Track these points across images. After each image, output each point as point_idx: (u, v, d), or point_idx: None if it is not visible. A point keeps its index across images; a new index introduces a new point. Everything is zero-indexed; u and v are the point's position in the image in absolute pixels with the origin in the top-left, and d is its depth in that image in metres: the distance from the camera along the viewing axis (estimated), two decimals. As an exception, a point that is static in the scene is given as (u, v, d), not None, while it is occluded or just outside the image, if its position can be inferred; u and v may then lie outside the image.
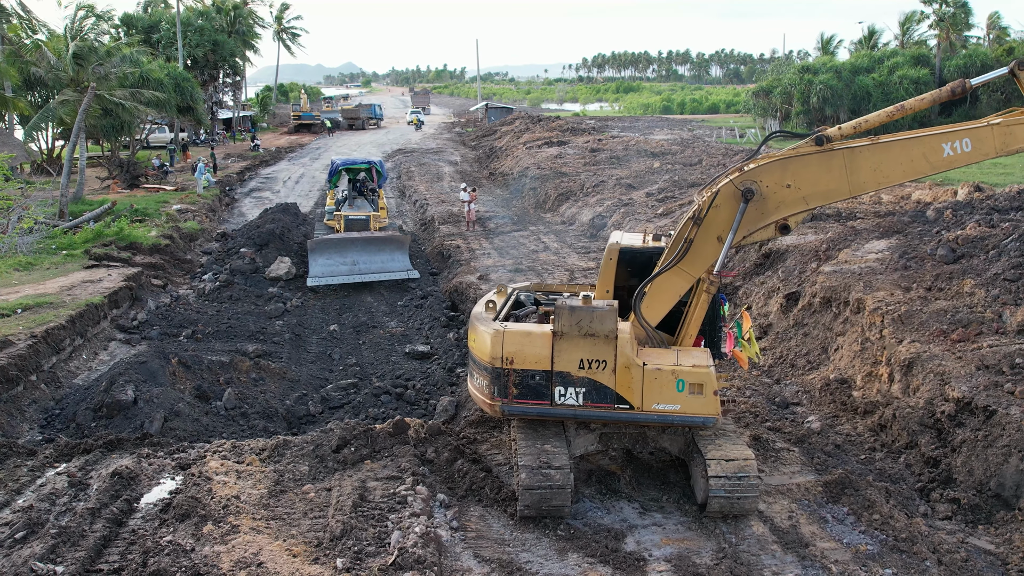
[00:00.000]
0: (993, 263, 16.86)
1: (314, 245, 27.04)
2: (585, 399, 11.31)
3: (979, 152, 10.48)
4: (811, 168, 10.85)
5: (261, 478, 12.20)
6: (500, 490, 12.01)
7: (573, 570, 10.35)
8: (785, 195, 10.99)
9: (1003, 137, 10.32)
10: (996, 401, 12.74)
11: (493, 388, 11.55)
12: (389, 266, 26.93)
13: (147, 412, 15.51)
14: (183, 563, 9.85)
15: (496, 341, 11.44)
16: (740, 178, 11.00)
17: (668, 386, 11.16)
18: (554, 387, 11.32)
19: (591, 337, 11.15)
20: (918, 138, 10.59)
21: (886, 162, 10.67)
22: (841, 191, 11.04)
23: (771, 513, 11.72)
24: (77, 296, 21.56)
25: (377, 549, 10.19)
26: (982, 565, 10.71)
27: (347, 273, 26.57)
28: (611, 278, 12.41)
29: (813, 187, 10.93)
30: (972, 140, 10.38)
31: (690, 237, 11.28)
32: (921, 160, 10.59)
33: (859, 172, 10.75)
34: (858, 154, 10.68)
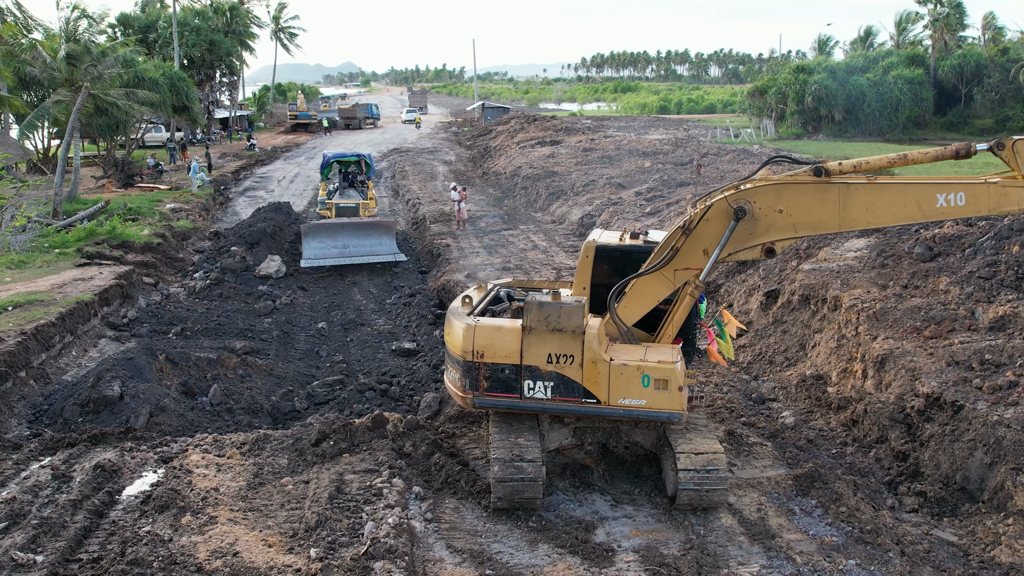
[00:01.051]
0: (969, 261, 17.09)
1: (307, 229, 28.65)
2: (553, 393, 11.57)
3: (972, 208, 10.60)
4: (805, 197, 10.96)
5: (241, 471, 12.43)
6: (475, 483, 12.25)
7: (542, 560, 10.59)
8: (776, 219, 11.13)
9: (997, 197, 10.41)
10: (964, 396, 12.97)
11: (465, 381, 11.84)
12: (377, 249, 28.63)
13: (133, 407, 15.73)
14: (160, 553, 10.08)
15: (468, 335, 11.73)
16: (735, 196, 11.17)
17: (634, 381, 11.39)
18: (523, 381, 11.59)
19: (559, 332, 11.41)
20: (914, 184, 10.66)
21: (879, 203, 10.77)
22: (831, 224, 11.13)
23: (740, 506, 11.96)
24: (68, 294, 21.76)
25: (351, 540, 10.42)
26: (944, 556, 10.95)
27: (338, 256, 28.05)
28: (587, 275, 12.63)
29: (804, 216, 11.06)
30: (967, 195, 10.49)
31: (677, 246, 11.50)
32: (914, 207, 10.69)
33: (851, 209, 10.83)
34: (853, 191, 10.78)
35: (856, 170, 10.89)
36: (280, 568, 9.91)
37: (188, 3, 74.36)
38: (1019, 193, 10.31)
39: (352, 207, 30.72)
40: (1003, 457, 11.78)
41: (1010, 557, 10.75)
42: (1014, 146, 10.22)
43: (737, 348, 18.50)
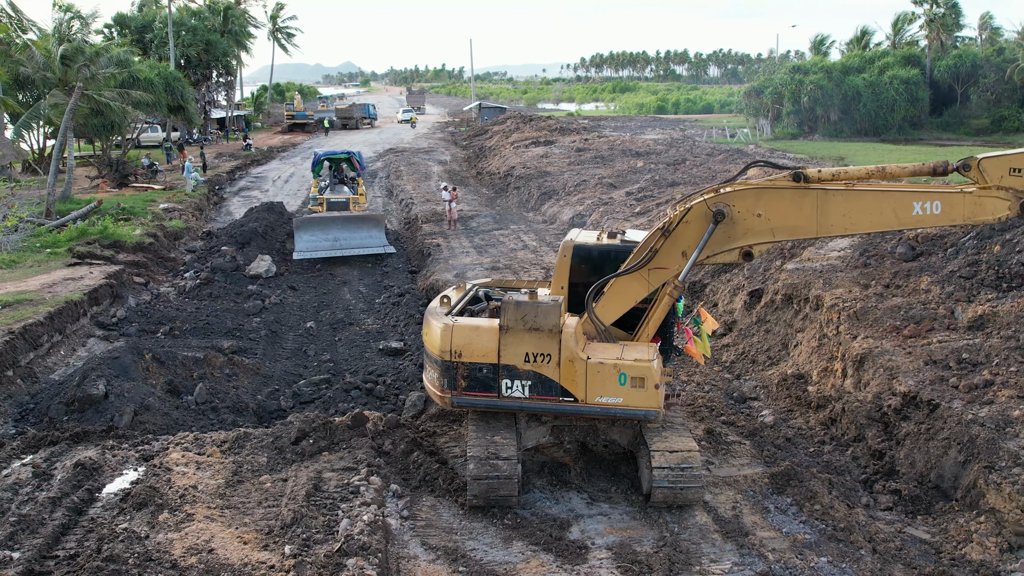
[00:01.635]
0: (951, 260, 17.19)
1: (299, 223, 29.41)
2: (531, 391, 11.66)
3: (947, 216, 10.82)
4: (784, 202, 11.11)
5: (220, 469, 12.52)
6: (453, 481, 12.35)
7: (516, 558, 10.67)
8: (754, 223, 11.28)
9: (972, 207, 10.66)
10: (940, 395, 13.08)
11: (443, 380, 11.93)
12: (367, 242, 29.35)
13: (117, 406, 15.80)
14: (136, 549, 10.16)
15: (446, 335, 11.83)
16: (714, 199, 11.31)
17: (611, 379, 11.48)
18: (501, 380, 11.68)
19: (536, 331, 11.51)
20: (891, 192, 10.84)
21: (856, 210, 10.93)
22: (808, 230, 11.30)
23: (716, 503, 12.05)
24: (57, 293, 21.84)
25: (325, 536, 10.51)
26: (915, 553, 11.05)
27: (329, 248, 28.82)
28: (565, 274, 12.74)
29: (782, 221, 11.21)
30: (943, 204, 10.69)
31: (656, 247, 11.62)
32: (891, 214, 10.86)
33: (828, 215, 11.01)
34: (831, 197, 10.94)
35: (835, 179, 11.04)
36: (254, 565, 9.99)
37: (184, 3, 74.44)
38: (993, 203, 10.53)
39: (343, 202, 31.73)
40: (976, 455, 11.87)
41: (980, 554, 10.85)
42: (979, 165, 10.51)
43: (720, 347, 18.60)
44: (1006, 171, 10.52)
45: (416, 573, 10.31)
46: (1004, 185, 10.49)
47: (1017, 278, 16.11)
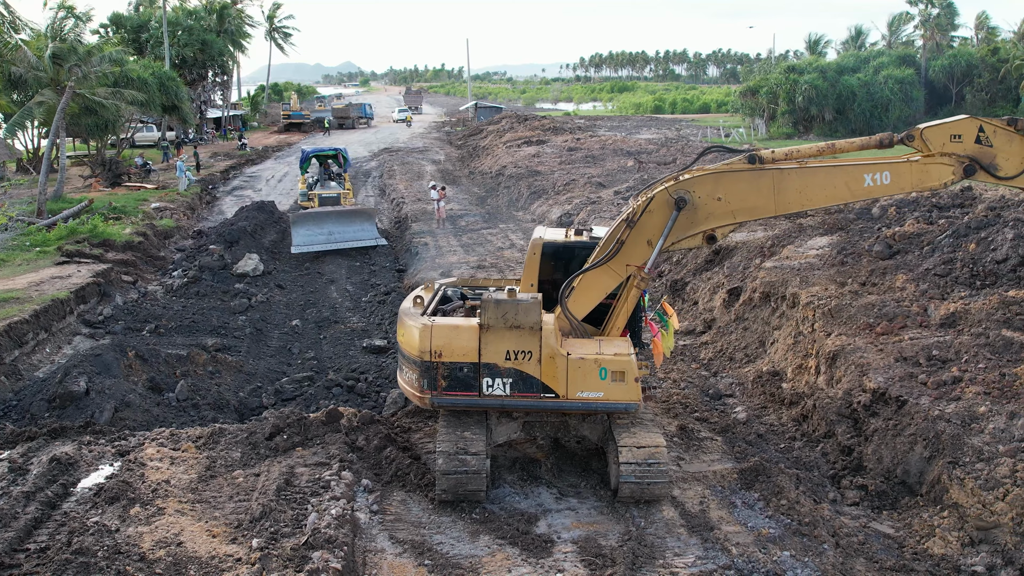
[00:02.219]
0: (927, 259, 17.32)
1: (296, 218, 30.86)
2: (512, 389, 11.70)
3: (896, 185, 11.44)
4: (741, 184, 11.49)
5: (193, 464, 12.65)
6: (424, 476, 12.45)
7: (482, 551, 10.80)
8: (715, 207, 11.59)
9: (919, 174, 11.34)
10: (909, 392, 13.19)
11: (423, 381, 11.87)
12: (360, 235, 30.77)
13: (98, 403, 15.95)
14: (106, 542, 10.28)
15: (424, 335, 11.78)
16: (675, 187, 11.58)
17: (591, 374, 11.62)
18: (482, 378, 11.69)
19: (517, 329, 11.57)
20: (843, 167, 11.40)
21: (811, 186, 11.43)
22: (767, 209, 11.72)
23: (684, 499, 12.15)
24: (44, 292, 22.00)
25: (293, 530, 10.63)
26: (877, 548, 11.16)
27: (324, 242, 30.10)
28: (535, 272, 12.85)
29: (742, 202, 11.57)
30: (892, 174, 11.32)
31: (622, 238, 11.82)
32: (843, 187, 11.42)
33: (785, 193, 11.45)
34: (786, 176, 11.40)
35: (788, 158, 11.58)
36: (221, 558, 10.12)
37: (180, 3, 74.55)
38: (938, 169, 11.26)
39: (334, 196, 32.95)
40: (941, 451, 11.99)
41: (942, 549, 10.98)
42: (922, 135, 11.27)
43: (699, 345, 18.74)
44: (947, 138, 11.26)
45: (382, 566, 10.43)
46: (947, 152, 11.22)
47: (991, 276, 16.25)
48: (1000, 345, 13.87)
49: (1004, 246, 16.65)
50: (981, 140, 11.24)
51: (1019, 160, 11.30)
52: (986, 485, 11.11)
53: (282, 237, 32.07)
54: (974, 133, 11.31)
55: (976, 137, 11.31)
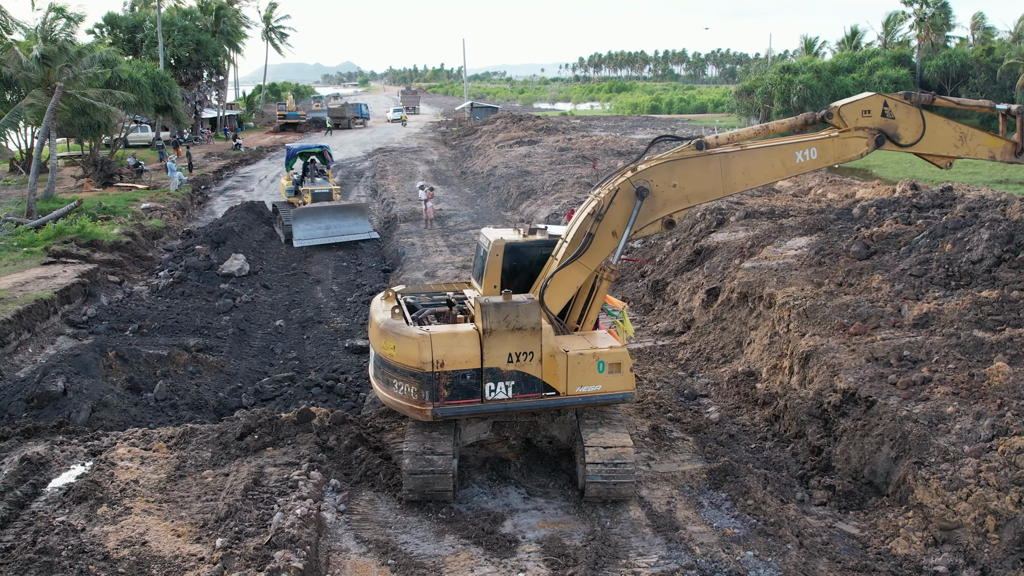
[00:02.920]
0: (903, 259, 17.36)
1: (296, 213, 32.07)
2: (514, 391, 11.69)
3: (823, 159, 12.68)
4: (693, 170, 12.20)
5: (164, 463, 12.70)
6: (393, 476, 12.50)
7: (446, 551, 10.85)
8: (671, 194, 12.17)
9: (840, 148, 12.66)
10: (878, 392, 13.24)
11: (423, 393, 11.51)
12: (355, 230, 32.64)
13: (75, 403, 15.97)
14: (70, 542, 10.34)
15: (424, 345, 11.45)
16: (634, 177, 11.98)
17: (590, 369, 11.84)
18: (484, 384, 11.59)
19: (518, 331, 11.54)
20: (778, 146, 12.43)
21: (753, 166, 12.43)
22: (717, 191, 12.49)
23: (652, 498, 12.21)
24: (29, 292, 22.02)
25: (258, 530, 10.68)
26: (841, 548, 11.21)
27: (323, 236, 31.83)
28: (498, 273, 12.88)
29: (694, 187, 12.24)
30: (818, 149, 12.57)
31: (592, 232, 12.07)
32: (780, 165, 12.49)
33: (731, 174, 12.35)
34: (731, 158, 12.31)
35: (730, 141, 12.54)
36: (184, 557, 10.17)
37: (175, 3, 74.55)
38: (855, 142, 12.65)
39: (326, 192, 34.36)
40: (907, 451, 12.04)
41: (906, 549, 11.03)
42: (839, 112, 12.66)
43: (677, 345, 18.78)
44: (860, 114, 12.72)
45: (345, 566, 10.49)
46: (860, 125, 12.69)
47: (966, 276, 16.30)
48: (971, 346, 13.92)
49: (980, 246, 16.70)
50: (886, 113, 12.70)
51: (915, 129, 12.85)
52: (950, 485, 11.16)
53: (269, 237, 32.13)
54: (880, 108, 12.79)
55: (882, 111, 12.78)
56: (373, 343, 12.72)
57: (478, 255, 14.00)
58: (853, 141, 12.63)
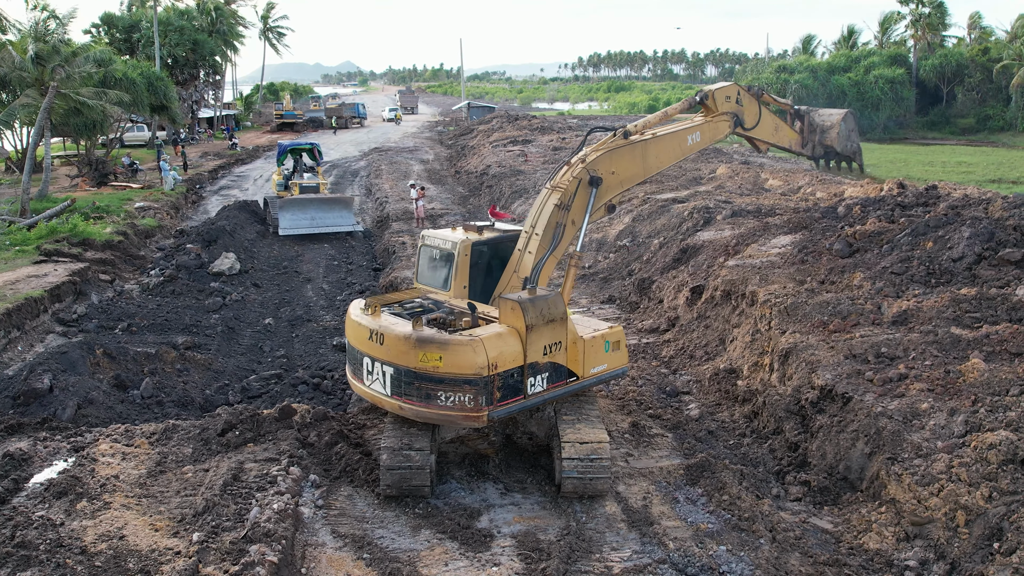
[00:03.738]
0: (885, 257, 17.46)
1: (282, 204, 33.89)
2: (548, 382, 11.94)
3: (705, 140, 14.83)
4: (625, 157, 13.31)
5: (144, 459, 12.79)
6: (372, 471, 12.59)
7: (421, 545, 10.94)
8: (611, 180, 13.25)
9: (713, 130, 14.91)
10: (855, 388, 13.33)
11: (480, 398, 11.28)
12: (339, 222, 34.08)
13: (61, 400, 16.06)
14: (49, 536, 10.43)
15: (479, 350, 11.20)
16: (587, 168, 12.78)
17: (600, 350, 12.57)
18: (527, 379, 11.67)
19: (552, 323, 11.78)
20: (676, 132, 14.10)
21: (662, 151, 13.88)
22: (640, 175, 13.79)
23: (628, 494, 12.30)
24: (19, 290, 22.13)
25: (235, 524, 10.76)
26: (814, 543, 11.31)
27: (308, 226, 33.32)
28: (467, 273, 13.01)
29: (626, 172, 13.40)
30: (700, 132, 14.64)
31: (563, 222, 12.59)
32: (678, 148, 14.28)
33: (648, 159, 13.65)
34: (649, 145, 13.57)
35: (645, 127, 13.84)
36: (161, 551, 10.26)
37: (172, 3, 74.70)
38: (722, 125, 14.97)
39: (314, 186, 35.70)
40: (881, 447, 12.14)
41: (878, 543, 11.12)
42: (713, 95, 14.92)
43: (661, 343, 18.89)
44: (724, 99, 14.99)
45: (321, 560, 10.59)
46: (723, 110, 14.94)
47: (946, 274, 16.40)
48: (948, 342, 14.01)
49: (960, 244, 16.80)
50: (739, 101, 15.06)
51: (754, 117, 15.41)
52: (922, 481, 11.26)
53: (261, 236, 32.24)
54: (736, 95, 15.06)
55: (736, 99, 15.09)
56: (395, 358, 11.60)
57: (428, 258, 13.74)
58: (721, 124, 14.76)
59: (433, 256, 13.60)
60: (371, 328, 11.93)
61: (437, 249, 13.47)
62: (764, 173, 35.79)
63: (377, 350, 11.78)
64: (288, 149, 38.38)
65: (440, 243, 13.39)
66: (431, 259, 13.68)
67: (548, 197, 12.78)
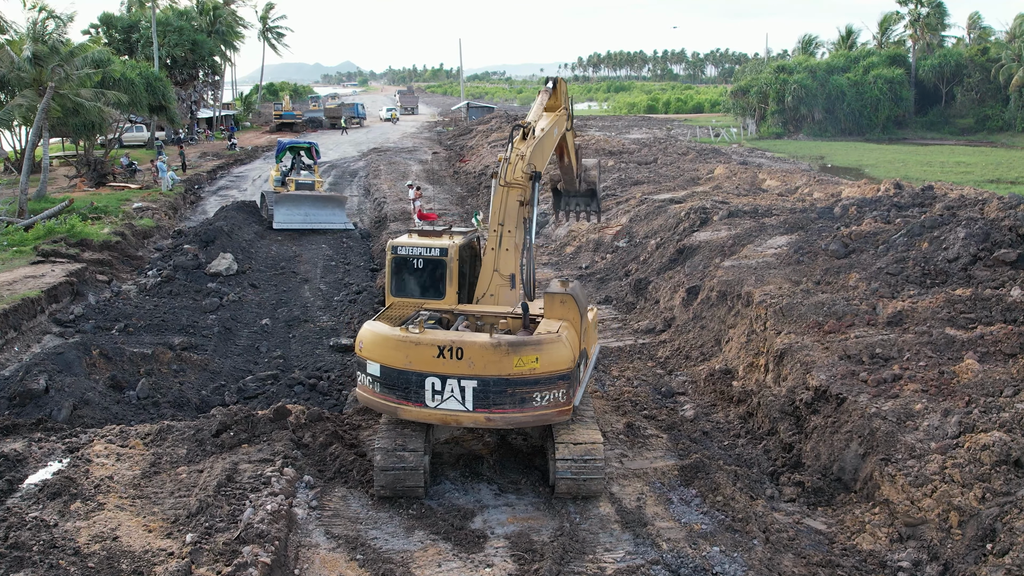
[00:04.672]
0: (880, 257, 17.47)
1: (277, 199, 34.73)
2: (584, 367, 12.73)
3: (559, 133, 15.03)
4: (537, 152, 13.68)
5: (139, 460, 12.80)
6: (367, 472, 12.60)
7: (415, 546, 10.96)
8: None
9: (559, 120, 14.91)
10: (849, 389, 13.35)
11: (569, 392, 11.54)
12: (331, 219, 34.86)
13: (57, 400, 16.05)
14: (42, 537, 10.44)
15: (569, 345, 11.52)
16: (529, 163, 13.30)
17: (594, 329, 13.66)
18: (580, 365, 12.32)
19: (588, 310, 12.92)
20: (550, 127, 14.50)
21: (546, 145, 14.27)
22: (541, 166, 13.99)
23: (622, 495, 12.31)
24: (16, 291, 22.10)
25: (228, 525, 10.78)
26: (807, 543, 11.32)
27: (301, 222, 34.12)
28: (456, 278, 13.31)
29: (539, 165, 13.70)
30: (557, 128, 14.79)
31: (528, 217, 13.29)
32: (552, 141, 14.65)
33: (541, 152, 13.98)
34: (542, 140, 14.00)
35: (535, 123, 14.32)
36: (154, 552, 10.28)
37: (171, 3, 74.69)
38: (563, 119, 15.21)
39: (309, 183, 36.64)
40: (875, 448, 12.16)
41: (871, 544, 11.14)
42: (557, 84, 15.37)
43: (657, 343, 18.90)
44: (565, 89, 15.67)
45: (314, 560, 10.60)
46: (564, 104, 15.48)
47: (942, 274, 16.42)
48: (942, 343, 14.04)
49: (956, 245, 16.82)
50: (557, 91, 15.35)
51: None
52: (916, 482, 11.28)
53: (260, 237, 32.23)
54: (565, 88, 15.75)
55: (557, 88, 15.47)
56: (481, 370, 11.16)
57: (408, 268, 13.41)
58: (563, 118, 15.18)
59: (415, 265, 13.27)
60: (442, 344, 11.24)
61: (420, 258, 13.23)
62: (761, 173, 35.81)
63: (453, 366, 11.16)
64: (287, 147, 39.36)
65: (422, 251, 13.18)
66: (413, 269, 13.30)
67: (507, 194, 13.10)
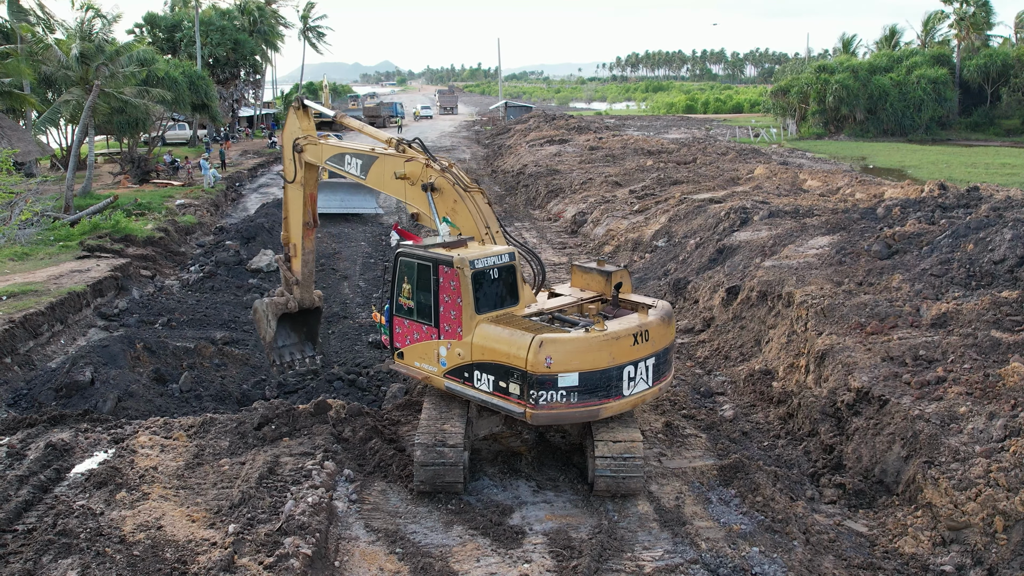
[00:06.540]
0: (924, 259, 17.24)
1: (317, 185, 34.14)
2: None
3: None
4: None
5: (182, 451, 13.00)
6: (406, 467, 12.68)
7: (453, 541, 11.02)
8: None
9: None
10: (892, 391, 13.20)
11: None
12: (363, 205, 37.68)
13: (102, 392, 16.36)
14: (89, 525, 10.66)
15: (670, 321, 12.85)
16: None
17: None
18: None
19: None
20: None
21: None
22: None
23: (661, 494, 12.28)
24: (62, 285, 22.53)
25: (270, 517, 10.93)
26: (848, 546, 11.22)
27: (338, 207, 36.45)
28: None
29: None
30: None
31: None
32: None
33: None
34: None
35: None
36: (198, 541, 10.44)
37: (213, 3, 75.58)
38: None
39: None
40: (918, 451, 12.01)
41: (913, 548, 11.01)
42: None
43: (696, 343, 18.80)
44: None
45: (354, 553, 10.70)
46: None
47: (987, 276, 16.16)
48: (987, 346, 13.82)
49: (1002, 247, 16.54)
50: None
51: None
52: (959, 485, 11.13)
53: (300, 234, 32.49)
54: None
55: None
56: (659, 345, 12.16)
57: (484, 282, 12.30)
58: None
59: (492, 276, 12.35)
60: (635, 332, 11.78)
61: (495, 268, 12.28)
62: (802, 174, 35.49)
63: (642, 349, 11.88)
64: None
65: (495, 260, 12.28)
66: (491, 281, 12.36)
67: (481, 200, 13.36)
